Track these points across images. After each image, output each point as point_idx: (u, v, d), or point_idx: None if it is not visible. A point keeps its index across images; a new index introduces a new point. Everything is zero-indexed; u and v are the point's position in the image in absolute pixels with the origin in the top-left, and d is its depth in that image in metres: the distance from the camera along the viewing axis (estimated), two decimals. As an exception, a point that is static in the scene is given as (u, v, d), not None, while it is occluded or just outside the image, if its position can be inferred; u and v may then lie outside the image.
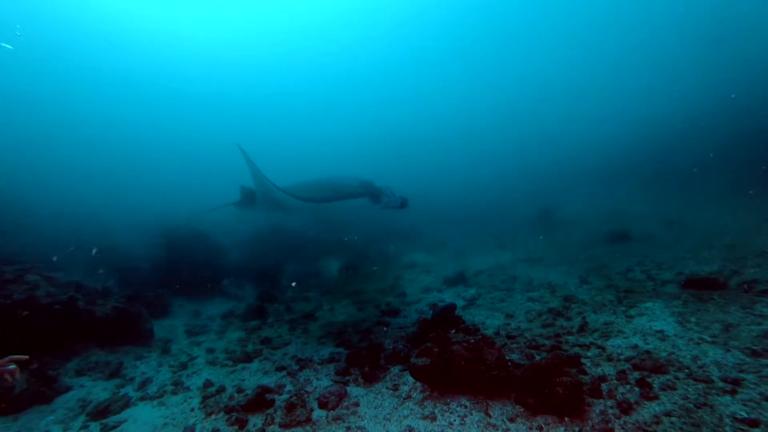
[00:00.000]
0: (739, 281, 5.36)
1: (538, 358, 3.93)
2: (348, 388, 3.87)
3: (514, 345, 4.33)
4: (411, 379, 3.77)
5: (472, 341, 3.65)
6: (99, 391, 4.28)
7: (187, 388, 4.25)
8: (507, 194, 25.30)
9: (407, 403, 3.43)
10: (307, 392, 3.86)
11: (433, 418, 3.13)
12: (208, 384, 4.27)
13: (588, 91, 42.31)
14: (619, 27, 34.85)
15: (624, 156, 33.52)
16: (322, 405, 3.56)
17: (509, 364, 3.64)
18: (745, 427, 2.58)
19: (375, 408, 3.43)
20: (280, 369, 4.56)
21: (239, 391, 4.05)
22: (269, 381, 4.23)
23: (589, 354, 3.90)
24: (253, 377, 4.43)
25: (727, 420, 2.66)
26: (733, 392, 2.95)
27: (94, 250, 9.30)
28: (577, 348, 4.07)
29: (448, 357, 3.55)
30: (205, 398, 3.94)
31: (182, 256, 9.22)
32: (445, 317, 4.38)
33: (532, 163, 39.42)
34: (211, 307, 8.24)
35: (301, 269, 11.78)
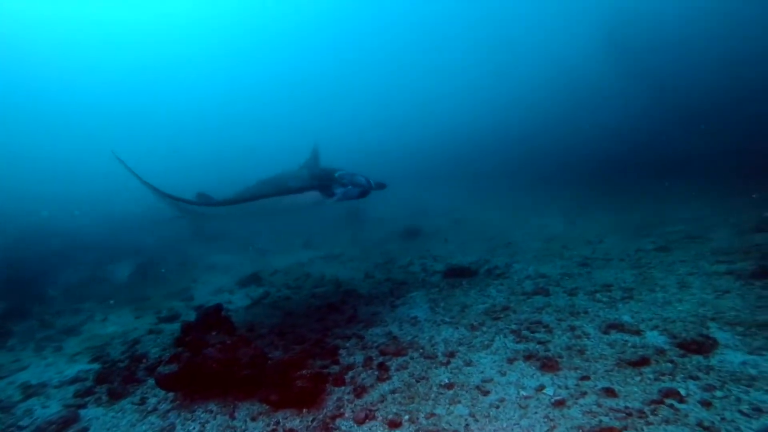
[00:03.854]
0: (486, 268, 6.35)
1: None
2: (83, 411, 3.39)
3: (281, 342, 4.35)
4: (163, 391, 3.47)
5: (228, 342, 3.54)
6: None
7: None
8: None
9: (149, 417, 3.15)
10: (19, 427, 3.26)
11: (171, 430, 2.92)
12: None
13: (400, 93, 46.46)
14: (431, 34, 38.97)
15: (433, 158, 37.44)
16: (39, 437, 3.05)
17: (268, 361, 3.62)
18: (444, 390, 3.00)
19: (107, 429, 3.07)
20: (-5, 402, 3.78)
21: None
22: (-28, 418, 3.47)
23: (347, 344, 4.12)
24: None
25: (434, 387, 3.06)
26: (447, 363, 3.42)
27: None
28: (339, 339, 4.27)
29: (201, 361, 3.37)
30: None
31: None
32: (209, 319, 4.17)
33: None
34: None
35: (81, 276, 10.16)
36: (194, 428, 2.93)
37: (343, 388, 3.25)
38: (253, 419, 2.96)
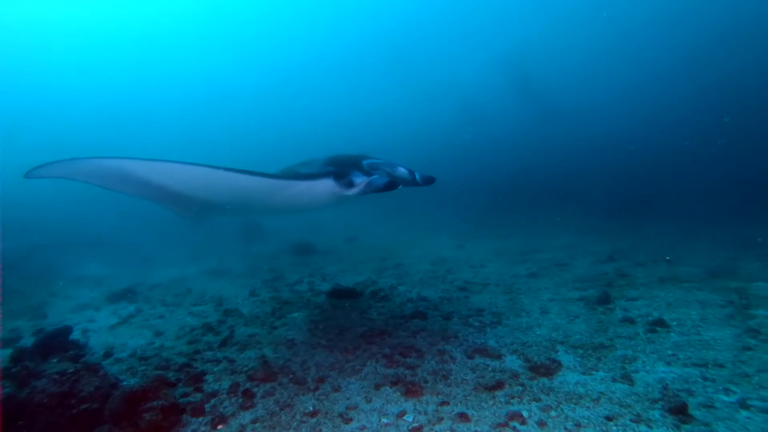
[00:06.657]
0: (371, 290, 6.43)
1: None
2: None
3: (143, 367, 3.98)
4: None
5: (70, 371, 3.15)
6: None
7: None
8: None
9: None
10: None
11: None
12: None
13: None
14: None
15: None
16: None
17: (115, 392, 3.27)
18: (307, 419, 2.92)
19: None
20: None
21: None
22: None
23: (216, 369, 3.88)
24: None
25: (298, 416, 2.97)
26: (315, 389, 3.35)
27: None
28: (209, 364, 4.01)
29: (25, 397, 2.94)
30: None
31: None
32: (50, 344, 3.70)
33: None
34: None
35: None
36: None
37: (201, 419, 3.03)
38: (88, 459, 2.65)
